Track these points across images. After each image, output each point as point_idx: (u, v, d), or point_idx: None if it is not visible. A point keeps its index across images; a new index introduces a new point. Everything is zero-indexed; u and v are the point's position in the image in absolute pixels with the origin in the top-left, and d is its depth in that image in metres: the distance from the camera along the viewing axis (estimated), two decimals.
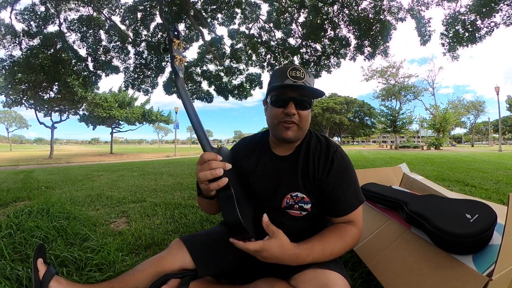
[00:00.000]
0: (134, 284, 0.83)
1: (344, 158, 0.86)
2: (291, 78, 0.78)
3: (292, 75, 0.78)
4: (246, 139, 1.03)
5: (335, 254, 0.78)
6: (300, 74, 0.78)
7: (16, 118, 55.96)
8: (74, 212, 1.93)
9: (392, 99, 38.00)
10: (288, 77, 0.78)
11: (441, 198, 1.13)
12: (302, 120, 0.82)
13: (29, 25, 7.00)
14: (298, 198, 0.86)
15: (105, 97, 19.19)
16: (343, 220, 0.84)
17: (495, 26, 5.48)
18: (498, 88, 20.54)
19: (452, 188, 3.08)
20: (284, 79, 0.78)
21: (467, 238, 0.80)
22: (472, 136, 61.97)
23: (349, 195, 0.83)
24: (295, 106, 0.80)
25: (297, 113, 0.80)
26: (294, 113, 0.79)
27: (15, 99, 12.95)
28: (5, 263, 1.10)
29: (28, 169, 7.79)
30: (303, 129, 0.85)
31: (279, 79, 0.80)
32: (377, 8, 6.51)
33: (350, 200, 0.83)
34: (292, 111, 0.79)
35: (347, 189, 0.84)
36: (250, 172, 0.94)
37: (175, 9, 7.36)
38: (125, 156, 17.51)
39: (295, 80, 0.78)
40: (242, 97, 9.19)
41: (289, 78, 0.78)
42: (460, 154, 11.78)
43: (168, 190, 3.15)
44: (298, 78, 0.78)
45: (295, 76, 0.78)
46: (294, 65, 0.80)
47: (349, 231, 0.81)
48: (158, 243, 1.47)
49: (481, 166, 5.72)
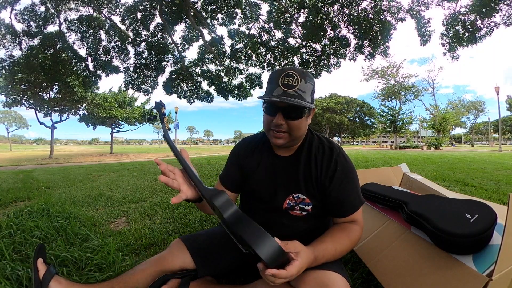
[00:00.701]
0: (134, 284, 0.83)
1: (347, 161, 0.87)
2: (282, 87, 0.73)
3: (284, 82, 0.73)
4: (247, 139, 1.03)
5: (344, 253, 0.80)
6: (293, 81, 0.73)
7: (16, 118, 55.94)
8: (74, 212, 1.93)
9: (392, 99, 38.02)
10: (279, 85, 0.74)
11: (441, 198, 1.13)
12: (292, 129, 0.79)
13: (29, 25, 6.99)
14: (299, 200, 0.87)
15: (105, 97, 19.17)
16: (347, 220, 0.86)
17: (495, 26, 5.48)
18: (498, 88, 20.55)
19: (452, 188, 3.08)
20: (276, 86, 0.74)
21: (467, 238, 0.80)
22: (472, 136, 61.97)
23: (352, 197, 0.84)
24: (283, 117, 0.77)
25: (285, 123, 0.77)
26: (281, 123, 0.77)
27: (15, 99, 12.93)
28: (5, 263, 1.10)
29: (28, 169, 7.79)
30: (296, 137, 0.82)
31: (271, 85, 0.76)
32: (377, 8, 6.51)
33: (354, 201, 0.85)
34: (280, 122, 0.77)
35: (351, 192, 0.85)
36: (251, 172, 0.94)
37: (175, 9, 7.36)
38: (125, 156, 17.51)
39: (286, 88, 0.73)
40: (242, 97, 9.18)
41: (280, 87, 0.74)
42: (460, 154, 11.78)
43: (168, 190, 3.15)
44: (289, 86, 0.73)
45: (287, 84, 0.73)
46: (289, 70, 0.75)
47: (355, 230, 0.83)
48: (158, 243, 1.47)
49: (481, 166, 5.72)
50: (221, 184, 0.98)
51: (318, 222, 0.92)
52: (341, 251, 0.78)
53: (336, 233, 0.81)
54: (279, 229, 0.89)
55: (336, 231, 0.82)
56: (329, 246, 0.75)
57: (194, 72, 9.14)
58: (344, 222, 0.86)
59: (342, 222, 0.86)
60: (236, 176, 0.97)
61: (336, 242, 0.78)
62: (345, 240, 0.79)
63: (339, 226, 0.85)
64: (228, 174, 0.98)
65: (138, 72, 8.40)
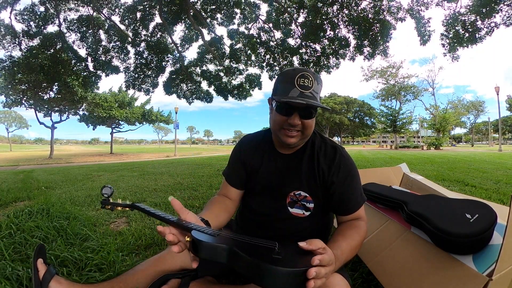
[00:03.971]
0: (134, 284, 0.83)
1: (350, 159, 0.88)
2: (298, 88, 0.74)
3: (300, 83, 0.74)
4: (248, 137, 1.03)
5: (357, 250, 0.79)
6: (309, 82, 0.75)
7: (16, 118, 55.91)
8: (74, 212, 1.93)
9: (392, 99, 38.03)
10: (295, 85, 0.74)
11: (441, 198, 1.13)
12: (306, 128, 0.81)
13: (28, 25, 6.99)
14: (301, 197, 0.87)
15: (105, 97, 19.16)
16: (352, 217, 0.86)
17: (495, 27, 5.48)
18: (498, 88, 20.56)
19: (452, 188, 3.08)
20: (292, 87, 0.75)
21: (467, 238, 0.80)
22: (472, 136, 61.98)
23: (356, 194, 0.85)
24: (300, 117, 0.78)
25: (301, 123, 0.79)
26: (297, 123, 0.78)
27: (15, 99, 12.92)
28: (5, 263, 1.10)
29: (28, 169, 7.78)
30: (307, 136, 0.84)
31: (286, 85, 0.76)
32: (377, 8, 6.51)
33: (358, 198, 0.86)
34: (296, 122, 0.78)
35: (355, 189, 0.86)
36: (254, 170, 0.95)
37: (175, 9, 7.36)
38: (125, 156, 17.50)
39: (303, 90, 0.74)
40: (242, 97, 9.18)
41: (296, 88, 0.74)
42: (460, 154, 11.78)
43: (168, 190, 3.15)
44: (305, 87, 0.74)
45: (303, 86, 0.74)
46: (303, 71, 0.76)
47: (362, 226, 0.84)
48: (158, 243, 1.46)
49: (481, 166, 5.72)
50: (227, 182, 0.99)
51: (320, 222, 0.92)
52: (356, 248, 0.77)
53: (346, 232, 0.80)
54: (281, 229, 0.90)
55: (345, 230, 0.81)
56: (343, 244, 0.73)
57: (194, 72, 9.13)
58: (350, 219, 0.86)
59: (348, 220, 0.86)
60: (241, 173, 0.98)
61: (351, 240, 0.76)
62: (357, 237, 0.79)
63: (347, 224, 0.85)
64: (233, 173, 0.99)
65: (139, 72, 8.40)
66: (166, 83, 8.89)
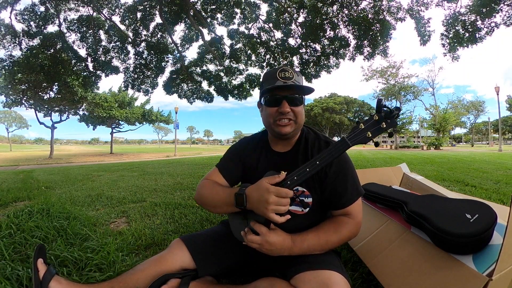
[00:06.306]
0: (134, 284, 0.83)
1: (344, 155, 0.88)
2: (281, 79, 0.83)
3: (282, 76, 0.83)
4: (246, 138, 1.05)
5: (330, 244, 0.81)
6: (289, 74, 0.83)
7: (16, 118, 55.86)
8: (74, 212, 1.93)
9: (392, 99, 37.98)
10: (278, 78, 0.83)
11: (441, 198, 1.13)
12: (297, 115, 0.86)
13: (29, 25, 6.98)
14: (299, 192, 0.88)
15: (105, 97, 19.17)
16: (341, 213, 0.87)
17: (495, 26, 5.47)
18: (498, 88, 20.55)
19: (452, 188, 3.08)
20: (275, 80, 0.83)
21: (467, 238, 0.80)
22: (472, 136, 61.97)
23: (349, 188, 0.86)
24: (288, 104, 0.84)
25: (291, 110, 0.85)
26: (288, 111, 0.84)
27: (15, 99, 12.92)
28: (5, 263, 1.10)
29: (28, 169, 7.79)
30: (299, 124, 0.89)
31: (270, 81, 0.85)
32: (376, 8, 6.51)
33: (350, 194, 0.86)
34: (286, 109, 0.84)
35: (348, 183, 0.86)
36: (251, 170, 0.96)
37: (175, 9, 7.35)
38: (125, 156, 17.50)
39: (285, 80, 0.82)
40: (242, 97, 9.17)
41: (279, 80, 0.83)
42: (460, 154, 11.78)
43: (168, 190, 3.15)
44: (287, 78, 0.83)
45: (285, 77, 0.83)
46: (283, 67, 0.85)
47: (345, 223, 0.85)
48: (158, 243, 1.47)
49: (481, 166, 5.72)
50: (220, 173, 0.99)
51: (319, 220, 0.92)
52: (326, 240, 0.80)
53: (323, 224, 0.85)
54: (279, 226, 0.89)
55: (324, 222, 0.86)
56: (310, 233, 0.81)
57: (194, 72, 9.12)
58: (339, 215, 0.88)
59: (336, 214, 0.89)
60: (235, 169, 0.99)
61: (319, 231, 0.82)
62: (330, 230, 0.82)
63: (331, 218, 0.89)
64: (228, 167, 1.00)
65: (138, 72, 8.39)
66: (166, 83, 8.89)
